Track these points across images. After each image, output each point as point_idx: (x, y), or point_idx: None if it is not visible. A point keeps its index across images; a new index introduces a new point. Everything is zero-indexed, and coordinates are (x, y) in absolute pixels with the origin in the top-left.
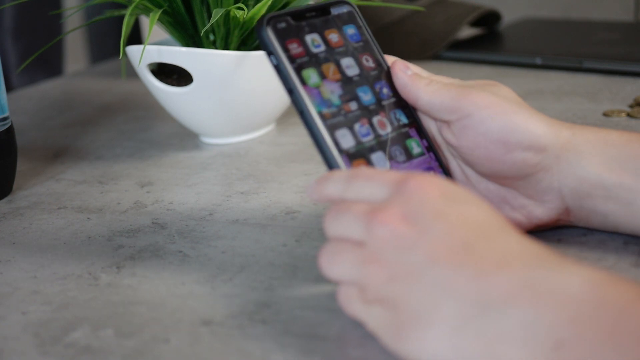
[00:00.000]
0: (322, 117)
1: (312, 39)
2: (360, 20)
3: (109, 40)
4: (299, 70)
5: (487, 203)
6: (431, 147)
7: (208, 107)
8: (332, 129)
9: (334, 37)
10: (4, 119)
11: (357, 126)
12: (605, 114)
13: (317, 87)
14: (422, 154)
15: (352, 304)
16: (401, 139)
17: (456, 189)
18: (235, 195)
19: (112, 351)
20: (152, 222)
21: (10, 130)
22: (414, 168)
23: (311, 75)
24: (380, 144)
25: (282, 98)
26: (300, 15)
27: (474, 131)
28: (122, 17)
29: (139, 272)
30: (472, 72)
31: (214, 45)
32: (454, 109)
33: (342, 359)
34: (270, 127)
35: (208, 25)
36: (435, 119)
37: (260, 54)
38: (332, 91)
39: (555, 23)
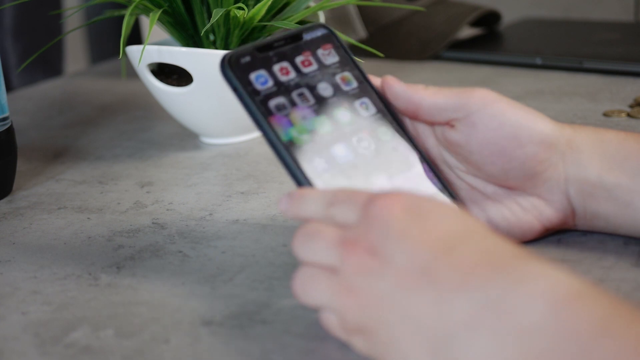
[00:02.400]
0: (291, 145)
1: (281, 68)
2: (337, 41)
3: (109, 40)
4: (264, 102)
5: (456, 208)
6: (424, 158)
7: (208, 107)
8: (303, 156)
9: (305, 62)
10: (4, 119)
11: (334, 149)
12: (605, 114)
13: (287, 115)
14: (411, 167)
15: (336, 331)
16: (387, 154)
17: (421, 201)
18: (235, 195)
19: (112, 351)
20: (152, 222)
21: (10, 130)
22: (404, 182)
23: (279, 104)
24: (362, 164)
25: None
26: (267, 46)
27: (485, 127)
28: (122, 17)
29: (139, 272)
30: (472, 72)
31: (214, 45)
32: (460, 105)
33: (342, 359)
34: None
35: (208, 25)
36: (437, 123)
37: None
38: (305, 117)
39: (555, 23)
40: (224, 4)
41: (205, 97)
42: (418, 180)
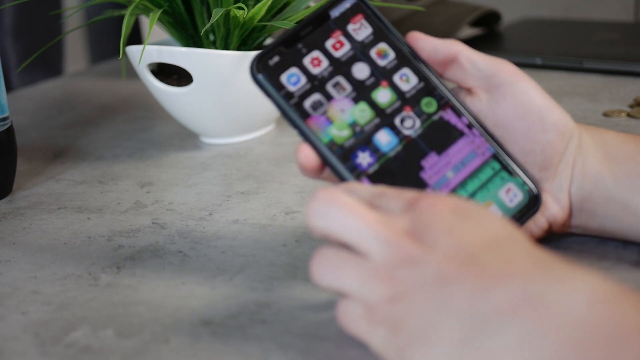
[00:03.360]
0: (333, 145)
1: (312, 59)
2: (369, 9)
3: (109, 40)
4: (299, 103)
5: (499, 216)
6: (473, 123)
7: (208, 107)
8: (347, 154)
9: (337, 44)
10: (4, 119)
11: (376, 139)
12: (605, 114)
13: (324, 113)
14: (461, 135)
15: (355, 323)
16: (434, 127)
17: (469, 205)
18: (235, 195)
19: (112, 351)
20: (152, 222)
21: (10, 130)
22: (454, 155)
23: (315, 102)
24: (408, 146)
25: None
26: (293, 38)
27: (516, 100)
28: (122, 17)
29: (139, 272)
30: None
31: (214, 45)
32: (495, 71)
33: (342, 359)
34: (270, 127)
35: (208, 25)
36: (461, 85)
37: None
38: (343, 110)
39: (555, 23)
40: (224, 4)
41: (205, 97)
42: (470, 149)
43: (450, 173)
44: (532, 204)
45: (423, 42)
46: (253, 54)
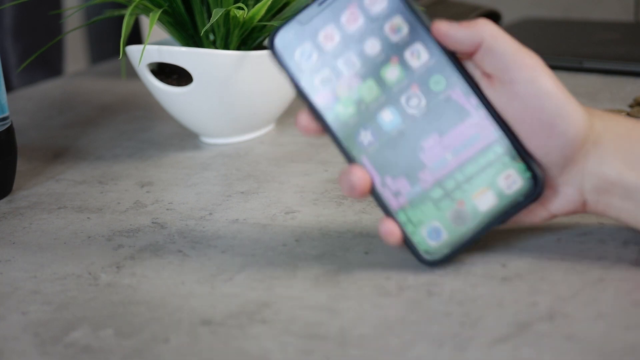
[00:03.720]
0: (338, 121)
1: (325, 35)
2: None
3: (109, 40)
4: (310, 79)
5: None
6: (481, 105)
7: (208, 107)
8: (350, 131)
9: (351, 18)
10: (4, 119)
11: (380, 117)
12: None
13: (332, 89)
14: (467, 116)
15: None
16: (439, 107)
17: None
18: (235, 195)
19: (112, 351)
20: (152, 222)
21: (10, 130)
22: (456, 137)
23: (324, 77)
24: (411, 126)
25: (282, 98)
26: (310, 13)
27: (526, 100)
28: (122, 17)
29: (139, 272)
30: None
31: (214, 45)
32: (512, 65)
33: (342, 359)
34: (270, 127)
35: (208, 25)
36: (486, 73)
37: (260, 54)
38: (350, 86)
39: (555, 23)
40: (223, 3)
41: (205, 97)
42: (474, 131)
43: (450, 155)
44: (531, 192)
45: (447, 38)
46: (253, 54)
